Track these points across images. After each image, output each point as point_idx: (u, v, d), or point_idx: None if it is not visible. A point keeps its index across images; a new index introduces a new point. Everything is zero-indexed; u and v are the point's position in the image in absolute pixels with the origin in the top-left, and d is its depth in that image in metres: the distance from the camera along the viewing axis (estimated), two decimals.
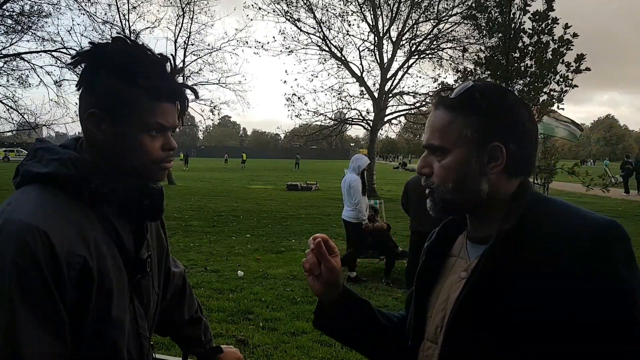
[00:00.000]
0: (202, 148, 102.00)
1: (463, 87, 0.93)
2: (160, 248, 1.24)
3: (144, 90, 0.98)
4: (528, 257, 0.84)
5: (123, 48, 1.00)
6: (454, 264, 1.00)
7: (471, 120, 0.91)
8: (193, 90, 1.11)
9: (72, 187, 0.97)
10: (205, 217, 12.28)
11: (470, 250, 0.98)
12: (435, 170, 0.94)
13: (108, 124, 0.99)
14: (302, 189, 21.26)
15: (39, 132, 17.14)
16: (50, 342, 0.88)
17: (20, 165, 1.02)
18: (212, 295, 5.63)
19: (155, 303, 1.18)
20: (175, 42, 23.10)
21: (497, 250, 0.87)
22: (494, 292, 0.86)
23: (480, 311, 0.87)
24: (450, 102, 0.93)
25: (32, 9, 16.38)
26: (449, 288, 0.97)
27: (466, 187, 0.92)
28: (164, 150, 1.04)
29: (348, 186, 6.49)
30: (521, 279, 0.83)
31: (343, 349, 4.20)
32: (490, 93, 0.92)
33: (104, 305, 0.97)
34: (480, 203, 0.92)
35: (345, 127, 23.53)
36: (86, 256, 0.93)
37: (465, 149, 0.91)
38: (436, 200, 0.95)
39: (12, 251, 0.86)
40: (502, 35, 10.23)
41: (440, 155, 0.93)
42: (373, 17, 20.33)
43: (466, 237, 1.01)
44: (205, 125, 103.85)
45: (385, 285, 6.27)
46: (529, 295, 0.82)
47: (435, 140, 0.94)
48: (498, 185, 0.92)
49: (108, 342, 0.98)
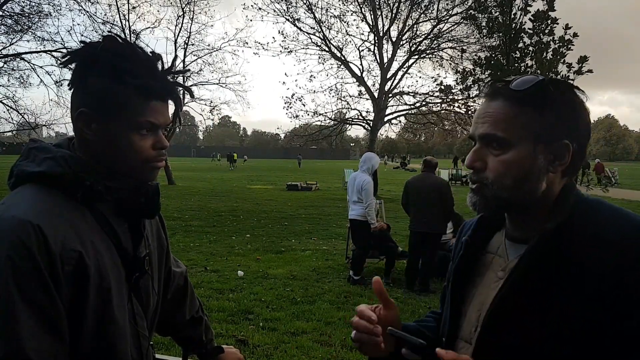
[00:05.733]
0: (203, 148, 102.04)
1: (531, 79, 0.87)
2: (161, 247, 1.23)
3: (133, 88, 0.98)
4: (570, 260, 0.82)
5: (113, 47, 0.99)
6: (491, 261, 0.96)
7: (542, 114, 0.85)
8: (186, 89, 1.10)
9: (66, 185, 0.97)
10: (205, 217, 12.28)
11: (510, 249, 0.94)
12: (490, 165, 0.88)
13: (98, 122, 0.99)
14: (302, 189, 21.24)
15: (39, 132, 17.15)
16: (49, 339, 0.88)
17: (14, 165, 1.02)
18: (212, 295, 5.62)
19: (155, 302, 1.17)
20: (175, 42, 23.09)
21: (538, 252, 0.84)
22: (532, 294, 0.83)
23: (516, 313, 0.85)
24: (516, 93, 0.87)
25: (32, 9, 16.39)
26: (485, 287, 0.94)
27: (526, 186, 0.87)
28: (155, 149, 1.03)
29: (360, 187, 6.29)
30: (562, 282, 0.81)
31: (343, 348, 4.20)
32: (562, 87, 0.87)
33: (103, 304, 0.96)
34: (534, 202, 0.88)
35: (345, 127, 23.54)
36: (82, 252, 0.92)
37: (531, 144, 0.86)
38: (488, 197, 0.89)
39: (7, 247, 0.86)
40: (503, 35, 10.23)
41: (499, 148, 0.87)
42: (373, 17, 20.34)
43: (504, 235, 0.96)
44: (205, 126, 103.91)
45: (385, 286, 6.25)
46: (570, 300, 0.80)
47: (498, 131, 0.87)
48: (552, 185, 0.88)
49: (107, 342, 0.98)
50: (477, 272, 0.98)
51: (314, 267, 7.15)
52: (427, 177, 6.14)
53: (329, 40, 20.57)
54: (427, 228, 5.99)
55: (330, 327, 4.69)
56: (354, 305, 5.40)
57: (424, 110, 21.73)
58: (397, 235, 8.49)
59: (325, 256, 7.91)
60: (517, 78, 0.89)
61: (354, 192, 6.40)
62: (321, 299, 5.57)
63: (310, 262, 7.44)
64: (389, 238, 6.81)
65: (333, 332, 4.58)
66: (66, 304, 0.91)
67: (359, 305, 1.04)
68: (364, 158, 6.65)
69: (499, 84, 0.90)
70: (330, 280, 6.45)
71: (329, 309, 5.23)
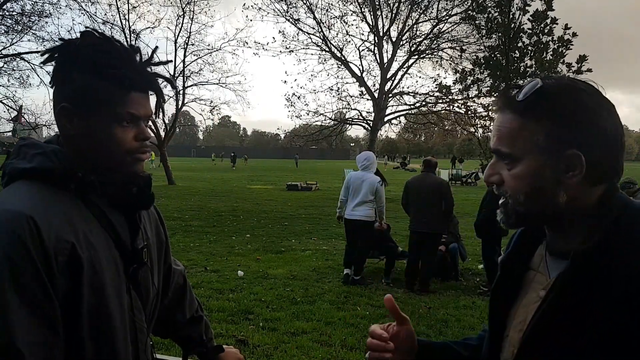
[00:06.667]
0: (203, 148, 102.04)
1: (531, 86, 0.83)
2: (160, 243, 1.23)
3: (111, 80, 0.98)
4: (613, 279, 0.75)
5: (92, 41, 1.00)
6: (533, 278, 0.92)
7: (543, 125, 0.81)
8: (167, 80, 1.11)
9: (59, 179, 0.97)
10: (205, 217, 12.28)
11: (551, 265, 0.88)
12: (505, 180, 0.86)
13: (79, 117, 0.99)
14: (302, 189, 21.25)
15: (39, 132, 17.14)
16: (42, 331, 0.88)
17: (5, 164, 1.03)
18: (212, 295, 5.62)
19: (154, 296, 1.16)
20: (175, 42, 23.14)
21: (573, 274, 0.79)
22: (571, 314, 0.78)
23: (554, 336, 0.80)
24: (517, 104, 0.83)
25: (33, 9, 16.39)
26: (526, 307, 0.89)
27: (540, 199, 0.83)
28: (137, 141, 1.04)
29: (374, 188, 6.16)
30: (604, 305, 0.75)
31: (343, 348, 4.20)
32: (562, 93, 0.81)
33: (97, 296, 0.96)
34: (559, 214, 0.83)
35: (345, 127, 23.54)
36: (74, 242, 0.92)
37: (537, 157, 0.82)
38: (509, 213, 0.86)
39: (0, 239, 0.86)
40: (502, 35, 10.23)
41: (510, 163, 0.84)
42: (373, 17, 20.33)
43: (545, 249, 0.91)
44: (205, 126, 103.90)
45: (385, 286, 6.27)
46: (613, 324, 0.74)
47: (503, 146, 0.84)
48: (578, 194, 0.82)
49: (104, 335, 0.98)
50: (520, 290, 0.93)
51: (314, 267, 7.15)
52: (427, 177, 6.14)
53: (329, 41, 20.59)
54: (427, 228, 5.99)
55: (330, 327, 4.69)
56: (354, 305, 5.41)
57: (423, 110, 21.71)
58: (397, 235, 8.50)
59: (325, 256, 7.91)
60: (525, 85, 0.85)
61: (359, 193, 6.22)
62: (321, 299, 5.57)
63: (310, 262, 7.44)
64: (389, 238, 6.81)
65: (333, 332, 4.58)
66: (61, 295, 0.91)
67: (371, 326, 1.03)
68: (367, 157, 6.45)
69: (511, 92, 0.86)
70: (330, 280, 6.45)
71: (329, 309, 5.23)
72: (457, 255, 6.70)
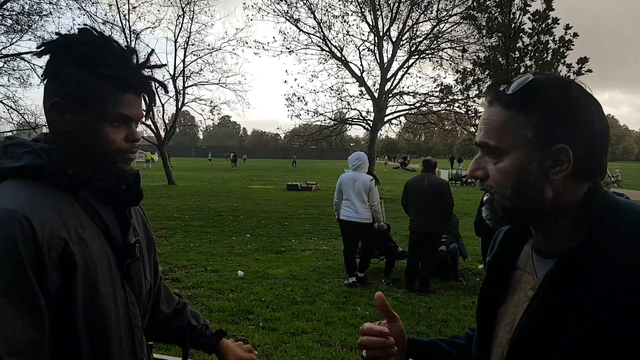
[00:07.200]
0: (203, 148, 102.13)
1: (522, 81, 0.83)
2: (149, 239, 1.24)
3: (106, 79, 0.98)
4: (597, 277, 0.76)
5: (88, 38, 1.00)
6: (520, 278, 0.91)
7: (531, 119, 0.81)
8: (161, 84, 1.10)
9: (49, 176, 0.97)
10: (205, 217, 12.28)
11: (537, 265, 0.88)
12: (491, 174, 0.85)
13: (71, 113, 0.99)
14: (302, 189, 21.25)
15: (39, 132, 17.15)
16: (26, 330, 0.87)
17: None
18: (212, 295, 5.62)
19: (148, 290, 1.17)
20: (175, 42, 23.14)
21: (560, 273, 0.79)
22: (558, 316, 0.79)
23: (543, 337, 0.80)
24: (507, 98, 0.83)
25: (32, 9, 16.38)
26: (515, 307, 0.89)
27: (527, 194, 0.82)
28: (127, 142, 1.04)
29: (368, 188, 6.16)
30: (589, 304, 0.76)
31: (343, 348, 4.20)
32: (552, 88, 0.81)
33: (90, 291, 0.96)
34: (545, 211, 0.83)
35: (345, 127, 23.53)
36: (67, 239, 0.93)
37: (524, 151, 0.81)
38: (495, 209, 0.86)
39: None
40: (502, 35, 10.23)
41: (496, 157, 0.84)
42: (373, 17, 20.33)
43: (532, 248, 0.91)
44: (206, 126, 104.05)
45: (385, 285, 6.27)
46: (597, 323, 0.75)
47: (490, 139, 0.84)
48: (564, 191, 0.82)
49: (99, 330, 0.98)
50: (508, 290, 0.93)
51: (314, 267, 7.15)
52: (427, 177, 6.14)
53: (329, 41, 20.58)
54: (427, 228, 5.99)
55: (330, 327, 4.69)
56: (354, 305, 5.41)
57: (424, 110, 21.71)
58: (397, 235, 8.50)
59: (325, 256, 7.91)
60: (516, 80, 0.85)
61: (353, 193, 6.20)
62: (321, 299, 5.57)
63: (310, 262, 7.44)
64: (389, 238, 6.81)
65: (333, 332, 4.58)
66: (54, 291, 0.91)
67: (362, 325, 1.03)
68: (358, 157, 6.41)
69: (500, 87, 0.86)
70: (330, 280, 6.45)
71: (329, 309, 5.23)
72: (458, 255, 6.71)
